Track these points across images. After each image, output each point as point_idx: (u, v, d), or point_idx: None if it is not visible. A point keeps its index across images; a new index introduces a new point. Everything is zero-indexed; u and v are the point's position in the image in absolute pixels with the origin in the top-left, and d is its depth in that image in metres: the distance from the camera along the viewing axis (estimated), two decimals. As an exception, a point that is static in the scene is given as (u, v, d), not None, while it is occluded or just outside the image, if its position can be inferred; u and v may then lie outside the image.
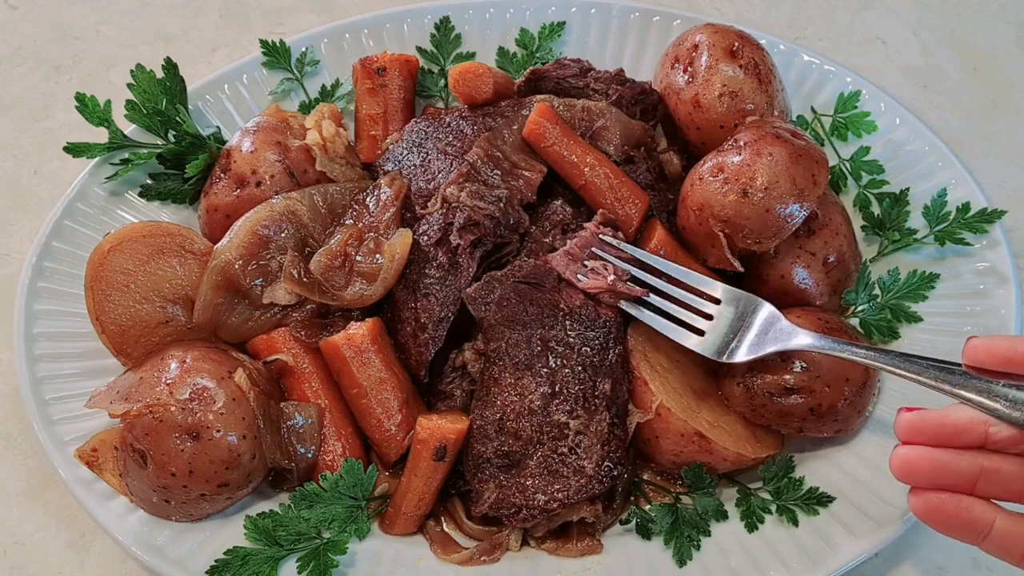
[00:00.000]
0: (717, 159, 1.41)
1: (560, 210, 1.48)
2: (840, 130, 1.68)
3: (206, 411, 1.25)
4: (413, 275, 1.42)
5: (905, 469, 1.05)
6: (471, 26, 1.80)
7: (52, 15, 2.10)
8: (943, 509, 1.03)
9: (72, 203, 1.53)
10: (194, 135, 1.59)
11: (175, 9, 2.11)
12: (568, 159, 1.47)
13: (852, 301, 1.49)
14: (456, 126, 1.56)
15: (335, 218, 1.48)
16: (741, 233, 1.38)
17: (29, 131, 1.89)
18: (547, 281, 1.39)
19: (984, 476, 1.03)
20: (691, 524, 1.32)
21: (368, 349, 1.36)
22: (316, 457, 1.37)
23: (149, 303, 1.40)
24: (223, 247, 1.41)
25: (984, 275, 1.49)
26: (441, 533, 1.36)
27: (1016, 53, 2.00)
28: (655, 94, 1.61)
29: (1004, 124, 1.88)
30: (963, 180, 1.57)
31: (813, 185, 1.37)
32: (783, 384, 1.33)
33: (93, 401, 1.32)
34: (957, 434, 1.04)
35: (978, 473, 1.03)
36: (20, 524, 1.43)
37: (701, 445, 1.33)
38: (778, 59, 1.60)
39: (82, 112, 1.54)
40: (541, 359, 1.35)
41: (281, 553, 1.28)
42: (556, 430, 1.32)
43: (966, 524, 1.02)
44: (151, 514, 1.30)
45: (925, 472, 1.04)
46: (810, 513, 1.31)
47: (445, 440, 1.31)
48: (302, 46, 1.75)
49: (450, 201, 1.42)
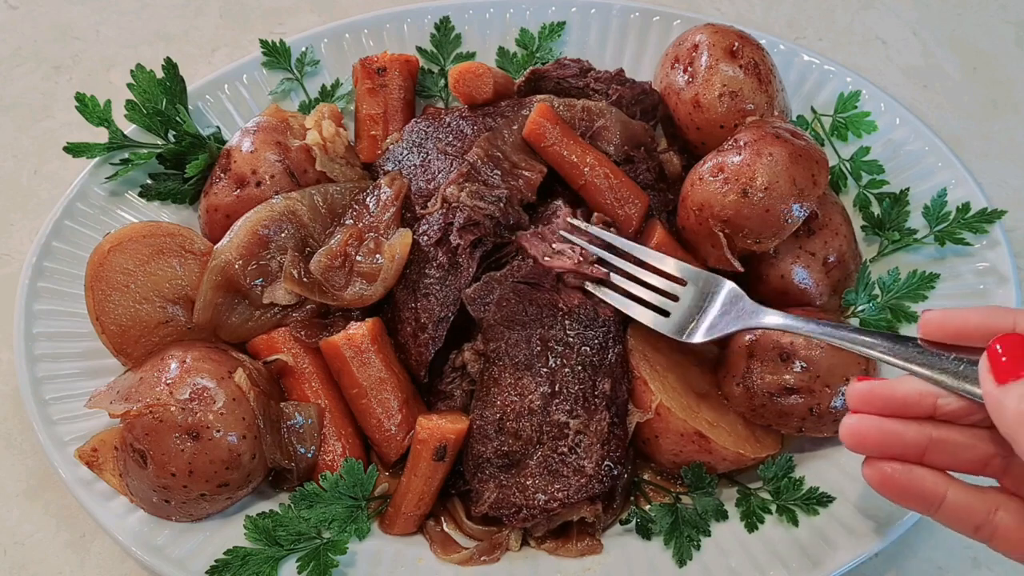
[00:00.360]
0: (717, 159, 1.41)
1: (560, 210, 1.48)
2: (840, 130, 1.68)
3: (206, 411, 1.25)
4: (413, 275, 1.42)
5: (853, 438, 1.05)
6: (471, 26, 1.80)
7: (52, 15, 2.10)
8: (894, 480, 1.03)
9: (72, 203, 1.53)
10: (194, 135, 1.59)
11: (175, 9, 2.11)
12: (568, 159, 1.47)
13: (852, 301, 1.49)
14: (456, 126, 1.56)
15: (335, 218, 1.48)
16: (741, 233, 1.38)
17: (29, 131, 1.90)
18: (546, 281, 1.39)
19: (933, 446, 1.02)
20: (691, 524, 1.32)
21: (368, 349, 1.36)
22: (316, 457, 1.37)
23: (149, 303, 1.40)
24: (223, 247, 1.41)
25: (984, 275, 1.49)
26: (441, 533, 1.36)
27: (1016, 53, 2.00)
28: (655, 94, 1.61)
29: (1004, 124, 1.88)
30: (963, 180, 1.57)
31: (813, 185, 1.37)
32: (783, 384, 1.33)
33: (93, 401, 1.32)
34: (907, 405, 1.03)
35: (926, 443, 1.02)
36: (20, 524, 1.43)
37: (701, 445, 1.33)
38: (778, 59, 1.60)
39: (82, 112, 1.54)
40: (541, 359, 1.35)
41: (281, 553, 1.28)
42: (556, 430, 1.32)
43: (918, 495, 1.02)
44: (151, 514, 1.30)
45: (873, 441, 1.04)
46: (810, 513, 1.31)
47: (445, 440, 1.31)
48: (302, 46, 1.75)
49: (450, 201, 1.43)
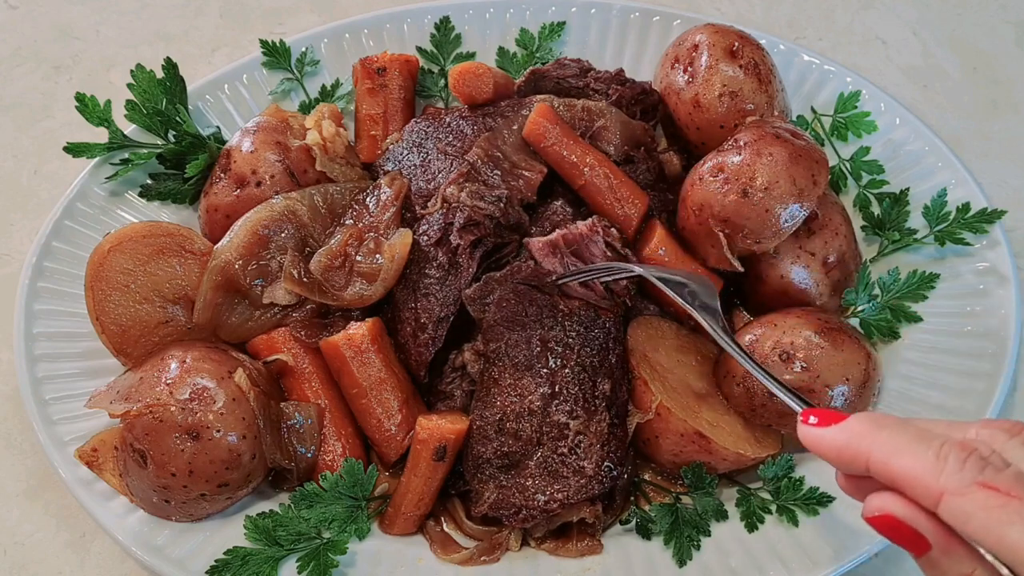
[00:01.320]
0: (717, 159, 1.41)
1: (560, 210, 1.48)
2: (840, 130, 1.68)
3: (206, 411, 1.25)
4: (413, 275, 1.42)
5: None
6: (471, 26, 1.80)
7: (52, 15, 2.10)
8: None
9: (72, 203, 1.53)
10: (194, 135, 1.59)
11: (175, 9, 2.11)
12: (568, 159, 1.47)
13: (852, 301, 1.49)
14: (456, 126, 1.56)
15: (335, 218, 1.48)
16: (741, 233, 1.38)
17: (29, 131, 1.89)
18: (546, 282, 1.39)
19: None
20: (691, 524, 1.32)
21: (368, 349, 1.36)
22: (316, 457, 1.37)
23: (149, 303, 1.40)
24: (223, 247, 1.41)
25: (984, 275, 1.49)
26: (441, 533, 1.36)
27: (1016, 53, 2.00)
28: (655, 94, 1.61)
29: (1004, 124, 1.88)
30: (963, 180, 1.57)
31: (813, 185, 1.37)
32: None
33: (93, 401, 1.32)
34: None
35: None
36: (20, 524, 1.43)
37: (701, 445, 1.33)
38: (778, 59, 1.60)
39: (82, 112, 1.54)
40: (541, 360, 1.35)
41: (281, 553, 1.28)
42: (556, 430, 1.32)
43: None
44: (151, 514, 1.30)
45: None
46: (810, 513, 1.31)
47: (445, 440, 1.31)
48: (302, 46, 1.75)
49: (450, 201, 1.43)
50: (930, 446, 0.85)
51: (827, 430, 0.96)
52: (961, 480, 0.82)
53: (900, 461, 0.86)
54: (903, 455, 0.86)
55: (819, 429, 0.97)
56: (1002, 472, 0.81)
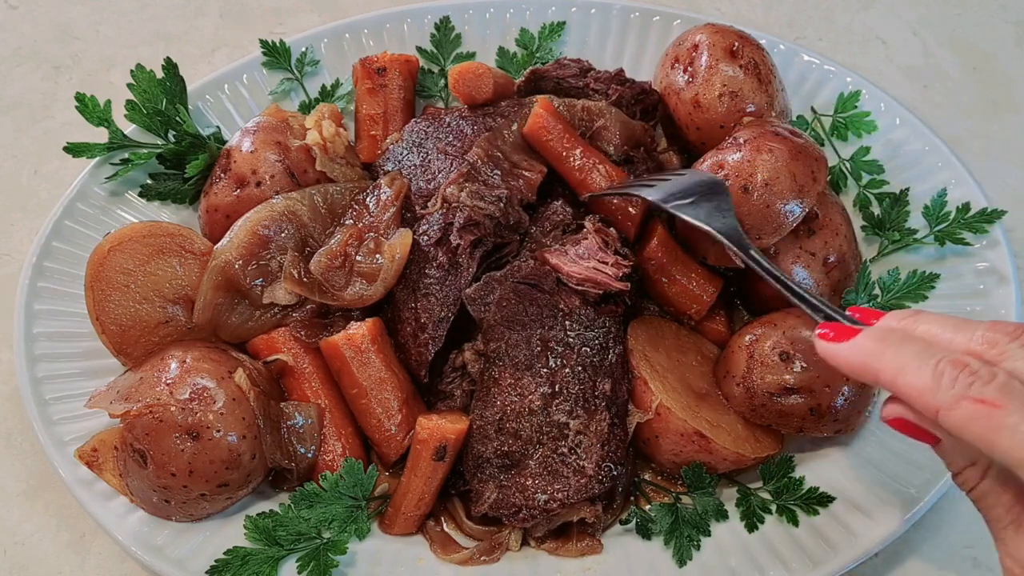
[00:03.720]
0: (717, 156, 1.41)
1: (560, 210, 1.48)
2: (840, 130, 1.68)
3: (206, 411, 1.25)
4: (413, 275, 1.42)
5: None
6: (471, 26, 1.80)
7: (52, 15, 2.10)
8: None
9: (72, 203, 1.54)
10: (194, 135, 1.59)
11: (175, 9, 2.11)
12: (568, 158, 1.47)
13: (852, 301, 1.49)
14: (456, 126, 1.56)
15: (335, 218, 1.48)
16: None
17: (29, 131, 1.90)
18: (546, 282, 1.39)
19: None
20: (691, 524, 1.32)
21: (368, 349, 1.36)
22: (316, 457, 1.37)
23: (149, 303, 1.40)
24: (223, 247, 1.41)
25: (984, 275, 1.49)
26: (441, 533, 1.36)
27: (1016, 53, 2.00)
28: (655, 94, 1.61)
29: (1004, 124, 1.88)
30: (963, 180, 1.57)
31: (813, 182, 1.37)
32: (783, 384, 1.33)
33: (93, 401, 1.32)
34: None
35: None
36: (20, 524, 1.43)
37: (701, 445, 1.33)
38: (778, 59, 1.60)
39: (82, 112, 1.54)
40: (541, 359, 1.35)
41: (281, 553, 1.28)
42: (556, 430, 1.32)
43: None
44: (151, 514, 1.30)
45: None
46: (810, 513, 1.31)
47: (445, 440, 1.31)
48: (302, 46, 1.76)
49: (450, 201, 1.42)
50: (928, 363, 0.94)
51: (840, 346, 1.04)
52: (952, 396, 0.91)
53: (903, 379, 0.95)
54: (906, 374, 0.95)
55: (833, 345, 1.05)
56: (989, 384, 0.89)
